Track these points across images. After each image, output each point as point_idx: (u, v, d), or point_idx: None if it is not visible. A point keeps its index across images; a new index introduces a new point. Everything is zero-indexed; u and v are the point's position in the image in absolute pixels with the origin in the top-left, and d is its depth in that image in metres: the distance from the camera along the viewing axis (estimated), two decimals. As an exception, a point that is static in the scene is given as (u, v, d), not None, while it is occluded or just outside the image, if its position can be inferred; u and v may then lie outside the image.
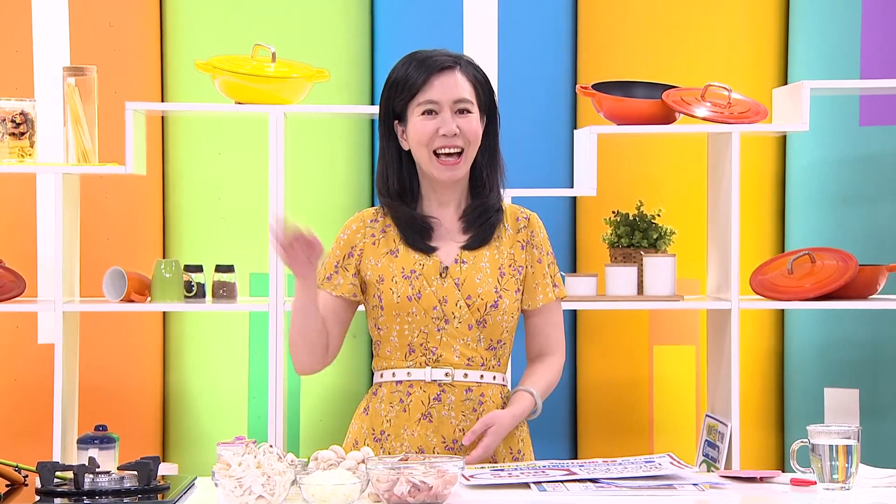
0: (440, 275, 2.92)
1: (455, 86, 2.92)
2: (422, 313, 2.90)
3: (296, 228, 2.80)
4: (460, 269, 2.93)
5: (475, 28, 4.65)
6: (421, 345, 2.92)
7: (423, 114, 2.91)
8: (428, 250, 2.94)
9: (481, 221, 2.97)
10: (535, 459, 3.03)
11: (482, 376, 2.94)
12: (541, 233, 3.03)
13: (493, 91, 3.00)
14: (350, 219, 3.04)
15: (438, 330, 2.91)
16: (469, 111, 2.93)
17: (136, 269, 4.31)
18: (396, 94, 2.94)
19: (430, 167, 2.93)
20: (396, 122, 2.96)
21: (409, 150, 2.96)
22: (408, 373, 2.94)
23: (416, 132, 2.91)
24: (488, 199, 2.98)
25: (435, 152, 2.91)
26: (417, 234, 2.95)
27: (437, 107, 2.91)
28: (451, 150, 2.90)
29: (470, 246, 2.96)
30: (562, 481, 2.70)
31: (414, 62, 2.94)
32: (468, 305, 2.91)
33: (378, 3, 4.80)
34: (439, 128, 2.90)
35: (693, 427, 4.57)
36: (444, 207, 2.99)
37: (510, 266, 2.97)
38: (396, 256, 2.95)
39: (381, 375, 2.98)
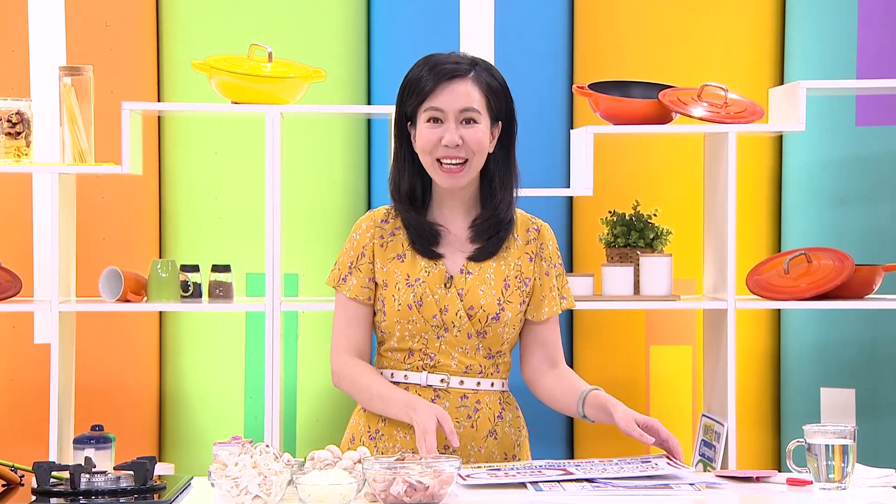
0: (444, 284, 2.91)
1: (463, 94, 2.89)
2: (422, 321, 2.90)
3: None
4: (465, 280, 2.92)
5: (472, 28, 4.65)
6: (420, 350, 2.92)
7: (428, 121, 2.90)
8: (433, 256, 2.94)
9: (490, 234, 2.95)
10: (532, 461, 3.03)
11: (479, 383, 2.93)
12: (550, 244, 3.01)
13: (510, 99, 2.96)
14: (361, 218, 3.04)
15: (438, 337, 2.91)
16: (475, 121, 2.89)
17: (133, 268, 4.31)
18: (408, 97, 2.93)
19: (433, 173, 2.92)
20: (409, 123, 2.96)
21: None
22: (405, 375, 2.94)
23: (421, 139, 2.91)
24: (499, 209, 2.95)
25: (438, 160, 2.90)
26: (424, 240, 2.94)
27: (443, 115, 2.89)
28: (454, 161, 2.89)
29: (476, 258, 2.95)
30: (558, 481, 2.70)
31: (427, 66, 2.92)
32: (469, 316, 2.90)
33: (375, 2, 4.80)
34: (442, 137, 2.89)
35: (689, 427, 4.57)
36: (453, 214, 2.97)
37: (516, 278, 2.95)
38: (403, 262, 2.94)
39: (381, 374, 2.98)
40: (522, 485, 2.69)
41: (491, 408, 2.95)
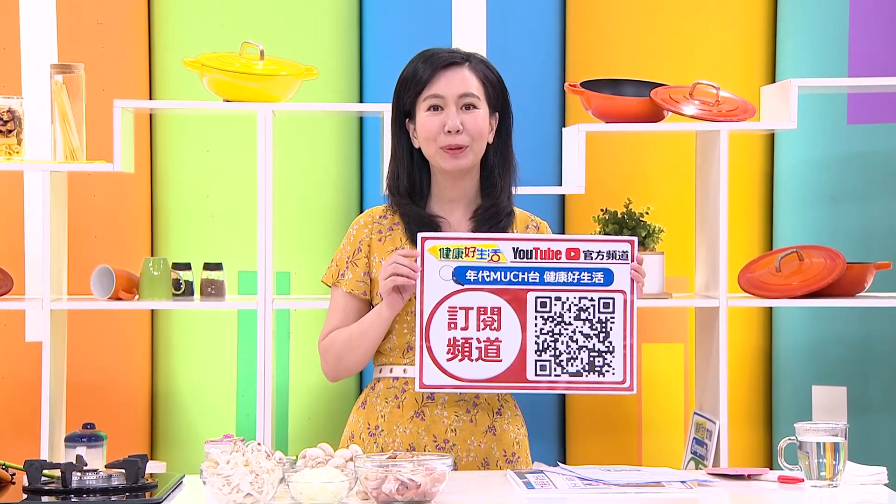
0: None
1: (461, 80, 2.94)
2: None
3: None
4: None
5: (464, 26, 4.65)
6: (419, 344, 2.93)
7: (429, 109, 2.94)
8: None
9: (491, 224, 2.98)
10: (532, 461, 3.04)
11: None
12: None
13: (505, 90, 3.02)
14: (360, 215, 3.07)
15: None
16: (475, 106, 2.95)
17: (125, 266, 4.30)
18: (405, 91, 2.97)
19: (435, 158, 2.94)
20: (407, 119, 2.98)
21: (420, 148, 2.98)
22: (403, 370, 2.95)
23: (423, 128, 2.94)
24: (500, 200, 3.00)
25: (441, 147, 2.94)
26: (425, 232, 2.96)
27: (443, 101, 2.93)
28: (457, 147, 2.93)
29: None
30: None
31: (422, 59, 2.97)
32: None
33: (367, 1, 4.79)
34: (444, 123, 2.92)
35: (681, 425, 4.57)
36: (453, 206, 3.00)
37: None
38: None
39: (380, 371, 3.00)
40: (513, 484, 2.70)
41: (490, 403, 2.95)
